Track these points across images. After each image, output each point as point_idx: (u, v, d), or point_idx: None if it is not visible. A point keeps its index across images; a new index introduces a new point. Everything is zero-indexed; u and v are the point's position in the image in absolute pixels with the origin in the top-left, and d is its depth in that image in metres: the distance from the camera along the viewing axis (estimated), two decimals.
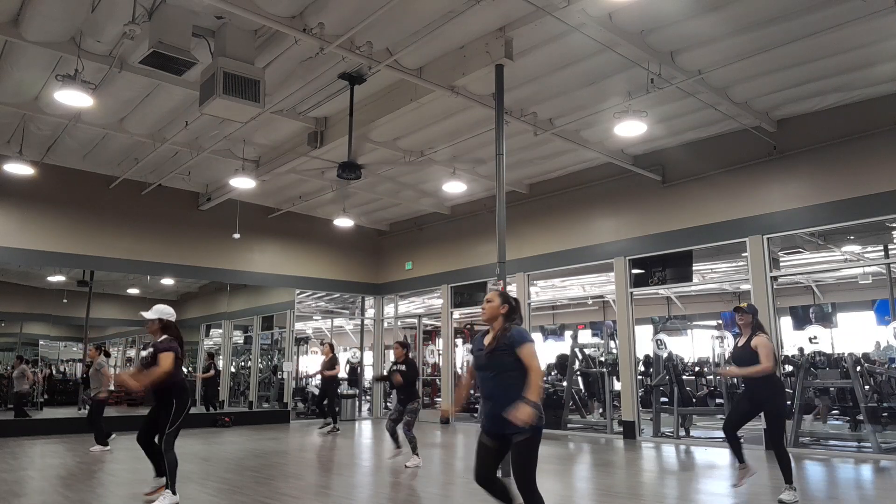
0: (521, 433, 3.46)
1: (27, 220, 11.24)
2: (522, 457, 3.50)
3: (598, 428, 11.52)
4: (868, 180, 8.29)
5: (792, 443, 8.71)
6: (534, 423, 3.45)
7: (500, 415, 3.50)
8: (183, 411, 5.45)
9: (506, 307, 3.76)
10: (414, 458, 7.62)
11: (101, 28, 6.93)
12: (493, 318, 3.77)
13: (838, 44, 7.07)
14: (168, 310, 5.69)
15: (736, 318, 5.77)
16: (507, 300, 3.79)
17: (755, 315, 5.71)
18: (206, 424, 12.53)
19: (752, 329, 5.65)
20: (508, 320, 3.73)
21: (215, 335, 16.11)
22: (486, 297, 3.83)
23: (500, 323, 3.74)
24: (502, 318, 3.74)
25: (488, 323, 3.80)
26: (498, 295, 3.81)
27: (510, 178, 11.43)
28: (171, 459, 5.37)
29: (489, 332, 3.81)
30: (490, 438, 3.63)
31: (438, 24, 6.77)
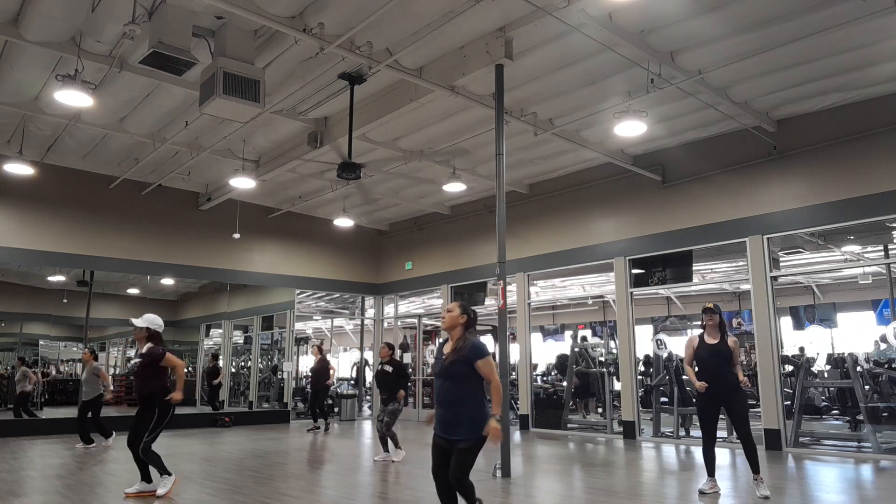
0: (465, 441, 3.77)
1: (27, 220, 11.24)
2: (462, 461, 3.79)
3: (598, 428, 11.52)
4: (868, 180, 8.29)
5: (792, 443, 8.71)
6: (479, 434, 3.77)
7: (451, 420, 3.83)
8: (165, 419, 5.72)
9: (465, 318, 3.98)
10: (384, 454, 8.02)
11: (101, 28, 6.93)
12: (452, 327, 3.98)
13: (838, 44, 7.07)
14: (158, 321, 5.91)
15: (705, 318, 5.93)
16: (466, 311, 4.01)
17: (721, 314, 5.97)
18: (206, 424, 12.53)
19: (719, 329, 5.89)
20: (467, 331, 3.96)
21: (215, 335, 16.11)
22: (448, 307, 4.05)
23: (458, 332, 3.96)
24: (461, 327, 3.96)
25: (448, 331, 4.02)
26: (458, 305, 4.03)
27: (510, 178, 11.42)
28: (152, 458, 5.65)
29: (448, 341, 4.03)
30: (441, 440, 3.91)
31: (438, 24, 6.77)
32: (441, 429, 3.89)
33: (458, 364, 3.84)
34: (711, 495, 5.80)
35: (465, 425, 3.78)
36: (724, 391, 5.75)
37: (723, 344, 5.81)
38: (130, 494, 5.68)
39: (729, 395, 5.74)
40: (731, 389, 5.72)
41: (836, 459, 7.99)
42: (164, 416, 5.69)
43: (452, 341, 3.97)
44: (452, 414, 3.83)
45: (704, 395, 5.83)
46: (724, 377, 5.76)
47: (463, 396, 3.83)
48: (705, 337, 5.92)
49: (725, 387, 5.75)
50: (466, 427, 3.78)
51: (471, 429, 3.77)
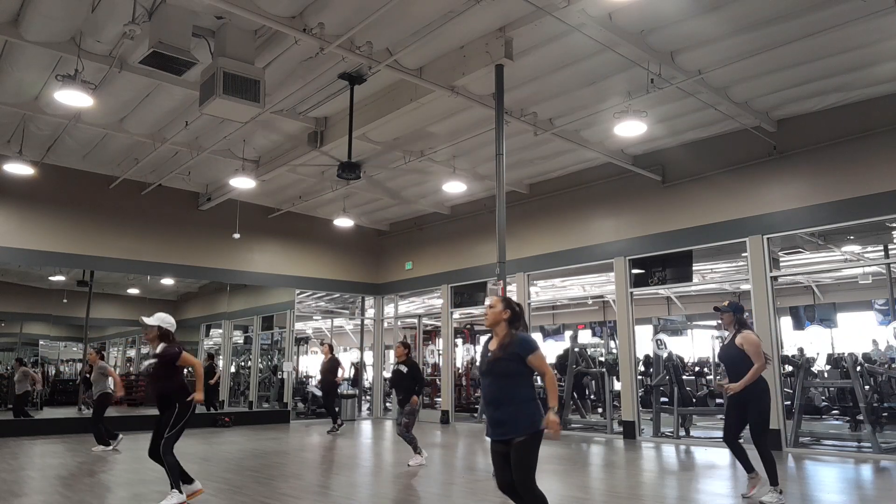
0: (521, 435, 3.54)
1: (27, 220, 11.24)
2: (521, 457, 3.55)
3: (598, 428, 11.52)
4: (868, 180, 8.29)
5: (792, 443, 8.71)
6: (534, 427, 3.56)
7: (502, 420, 3.60)
8: (185, 415, 5.43)
9: (508, 312, 3.75)
10: (416, 458, 7.69)
11: (101, 28, 6.93)
12: (496, 323, 3.76)
13: (838, 44, 7.07)
14: (169, 319, 5.66)
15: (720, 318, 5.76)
16: (509, 305, 3.79)
17: (736, 312, 5.67)
18: (206, 424, 12.52)
19: (735, 326, 5.64)
20: (512, 326, 3.74)
21: (215, 335, 16.11)
22: (489, 303, 3.82)
23: (503, 328, 3.74)
24: (505, 323, 3.74)
25: (491, 328, 3.80)
26: (500, 300, 3.80)
27: (510, 178, 11.42)
28: (170, 462, 5.35)
29: (493, 338, 3.81)
30: (498, 444, 3.67)
31: (438, 24, 6.77)
32: (494, 430, 3.67)
33: (506, 360, 3.65)
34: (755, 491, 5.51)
35: (518, 421, 3.58)
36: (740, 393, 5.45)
37: (731, 343, 5.60)
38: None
39: (743, 397, 5.43)
40: (744, 391, 5.41)
41: (836, 459, 7.99)
42: (184, 414, 5.45)
43: (498, 337, 3.76)
44: (504, 412, 3.61)
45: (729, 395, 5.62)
46: (734, 378, 5.50)
47: (514, 393, 3.63)
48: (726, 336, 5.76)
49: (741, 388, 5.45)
50: (520, 422, 3.58)
51: (525, 423, 3.58)
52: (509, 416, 3.59)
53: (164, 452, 5.35)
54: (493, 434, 3.68)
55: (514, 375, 3.64)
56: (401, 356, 7.99)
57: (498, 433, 3.64)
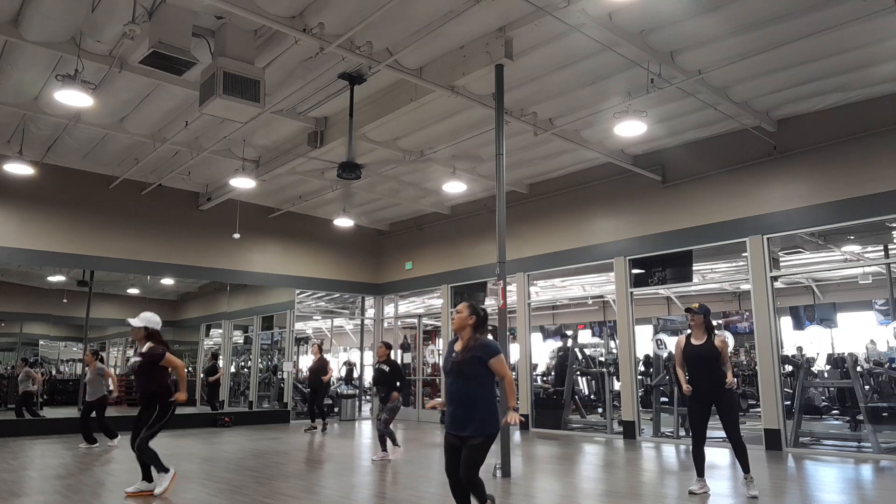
0: (476, 437, 3.87)
1: (27, 220, 11.24)
2: (472, 456, 3.88)
3: (598, 428, 11.52)
4: (868, 180, 8.29)
5: (792, 443, 8.71)
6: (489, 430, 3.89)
7: (462, 417, 3.93)
8: (164, 416, 5.73)
9: (473, 318, 4.04)
10: (382, 453, 8.05)
11: (101, 28, 6.93)
12: (462, 328, 4.07)
13: (838, 44, 7.07)
14: (155, 318, 5.89)
15: (689, 319, 5.96)
16: (475, 311, 4.08)
17: (707, 315, 5.93)
18: (206, 424, 12.53)
19: (705, 329, 5.89)
20: (477, 331, 4.04)
21: (215, 335, 16.10)
22: (457, 308, 4.13)
23: (468, 332, 4.04)
24: (471, 328, 4.04)
25: (458, 332, 4.11)
26: (467, 306, 4.10)
27: (510, 178, 11.43)
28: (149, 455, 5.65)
29: (459, 340, 4.11)
30: (453, 438, 4.00)
31: (438, 24, 6.77)
32: (453, 426, 3.98)
33: (469, 362, 3.94)
34: (701, 496, 5.80)
35: (475, 422, 3.88)
36: (712, 391, 5.74)
37: (709, 344, 5.81)
38: (131, 494, 5.68)
39: (716, 395, 5.73)
40: (719, 390, 5.72)
41: (836, 459, 7.99)
42: (164, 414, 5.71)
43: (463, 340, 4.05)
44: (464, 411, 3.92)
45: (693, 395, 5.86)
46: (710, 377, 5.76)
47: (474, 394, 3.93)
48: (692, 338, 5.94)
49: (712, 387, 5.74)
50: (477, 423, 3.87)
51: (481, 425, 3.87)
52: (468, 415, 3.91)
53: (140, 450, 5.63)
54: (451, 428, 3.99)
55: (475, 377, 3.94)
56: (382, 356, 8.42)
57: (455, 429, 3.96)
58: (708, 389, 5.77)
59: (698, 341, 5.89)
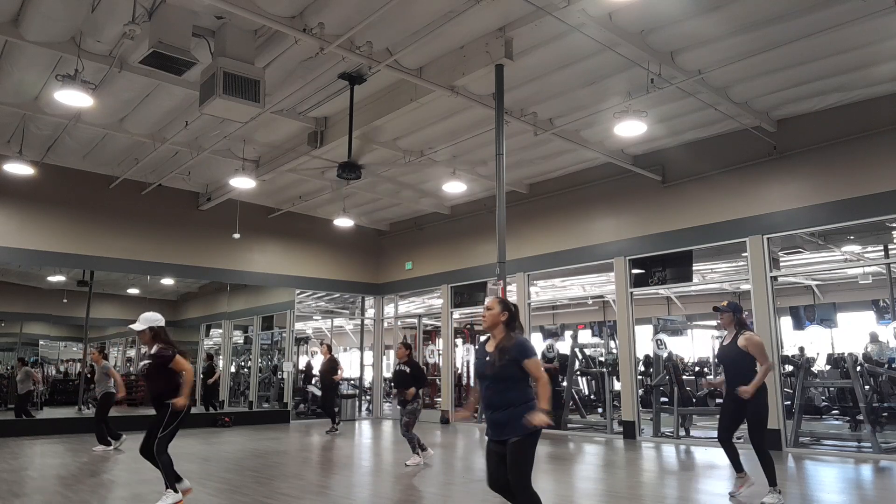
0: (517, 436, 3.60)
1: (27, 220, 11.24)
2: (517, 457, 3.60)
3: (598, 428, 11.52)
4: (868, 180, 8.29)
5: (792, 443, 8.71)
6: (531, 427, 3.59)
7: (501, 422, 3.66)
8: (178, 415, 5.48)
9: (506, 314, 3.81)
10: (414, 458, 7.72)
11: (101, 28, 6.93)
12: (494, 326, 3.82)
13: (838, 44, 7.07)
14: (155, 316, 5.69)
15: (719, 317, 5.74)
16: (506, 307, 3.84)
17: (736, 312, 5.66)
18: (206, 424, 12.53)
19: (735, 327, 5.62)
20: (509, 328, 3.80)
21: (215, 335, 16.10)
22: (486, 305, 3.88)
23: (501, 331, 3.80)
24: (503, 325, 3.80)
25: (489, 330, 3.85)
26: (498, 302, 3.85)
27: (510, 178, 11.42)
28: (164, 461, 5.40)
29: (490, 340, 3.86)
30: (496, 445, 3.73)
31: (438, 24, 6.77)
32: (493, 431, 3.73)
33: (504, 364, 3.68)
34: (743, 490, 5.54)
35: (516, 423, 3.62)
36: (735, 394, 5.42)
37: (732, 344, 5.56)
38: None
39: (739, 397, 5.39)
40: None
41: (836, 459, 7.99)
42: (177, 415, 5.50)
43: (495, 340, 3.81)
44: (503, 415, 3.66)
45: (726, 395, 5.60)
46: (734, 379, 5.48)
47: (513, 397, 3.67)
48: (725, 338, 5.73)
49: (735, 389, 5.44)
50: (517, 424, 3.61)
51: (521, 424, 3.61)
52: (507, 418, 3.64)
53: (157, 452, 5.40)
54: (492, 434, 3.74)
55: (511, 379, 3.69)
56: (402, 357, 8.11)
57: (496, 434, 3.70)
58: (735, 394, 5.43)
59: (726, 340, 5.68)
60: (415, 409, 7.84)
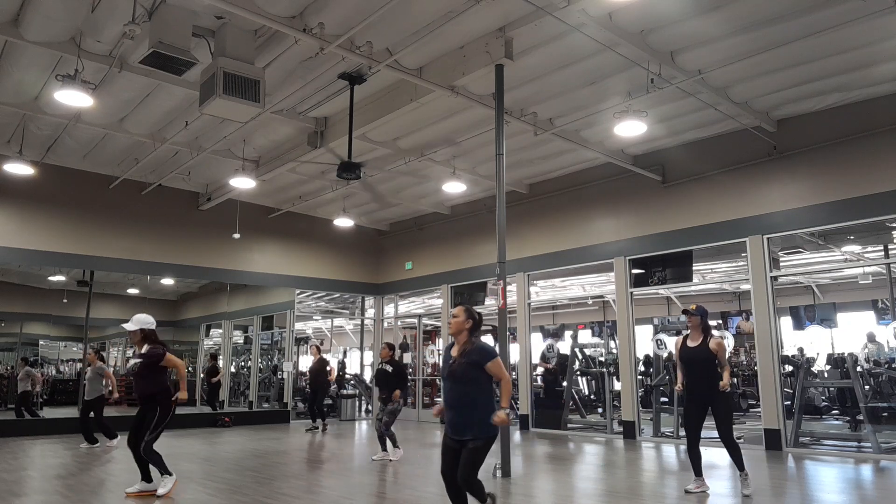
0: (476, 440, 3.88)
1: (27, 220, 11.24)
2: (472, 458, 3.88)
3: (598, 428, 11.52)
4: (868, 180, 8.29)
5: (792, 443, 8.71)
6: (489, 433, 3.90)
7: (462, 422, 3.94)
8: (165, 418, 5.73)
9: (470, 322, 4.09)
10: (397, 451, 8.03)
11: (101, 28, 6.93)
12: (458, 332, 4.10)
13: (838, 44, 7.07)
14: (147, 319, 5.91)
15: (686, 320, 6.03)
16: (471, 315, 4.12)
17: (704, 317, 5.97)
18: (206, 424, 12.53)
19: (702, 331, 5.93)
20: (472, 334, 4.08)
21: (215, 335, 16.10)
22: (453, 312, 4.16)
23: (465, 336, 4.08)
24: (467, 332, 4.08)
25: (454, 336, 4.14)
26: (463, 310, 4.15)
27: (510, 178, 11.42)
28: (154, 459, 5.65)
29: (455, 345, 4.13)
30: (453, 441, 4.00)
31: (438, 24, 6.77)
32: (451, 430, 3.99)
33: (466, 367, 3.96)
34: (698, 494, 5.84)
35: (475, 425, 3.89)
36: (706, 393, 5.80)
37: (703, 346, 5.86)
38: (131, 494, 5.68)
39: (711, 396, 5.78)
40: (713, 391, 5.76)
41: (836, 459, 7.99)
42: (166, 416, 5.71)
43: (459, 345, 4.08)
44: (463, 415, 3.94)
45: (688, 396, 5.94)
46: (705, 379, 5.80)
47: (473, 398, 3.94)
48: (689, 339, 6.00)
49: (707, 389, 5.79)
50: (476, 427, 3.89)
51: (481, 428, 3.88)
52: (467, 419, 3.92)
53: (145, 453, 5.63)
54: (451, 433, 4.00)
55: (473, 381, 3.96)
56: (385, 357, 8.38)
57: (455, 433, 3.97)
58: (703, 391, 5.83)
59: (694, 343, 5.95)
60: (395, 409, 8.09)
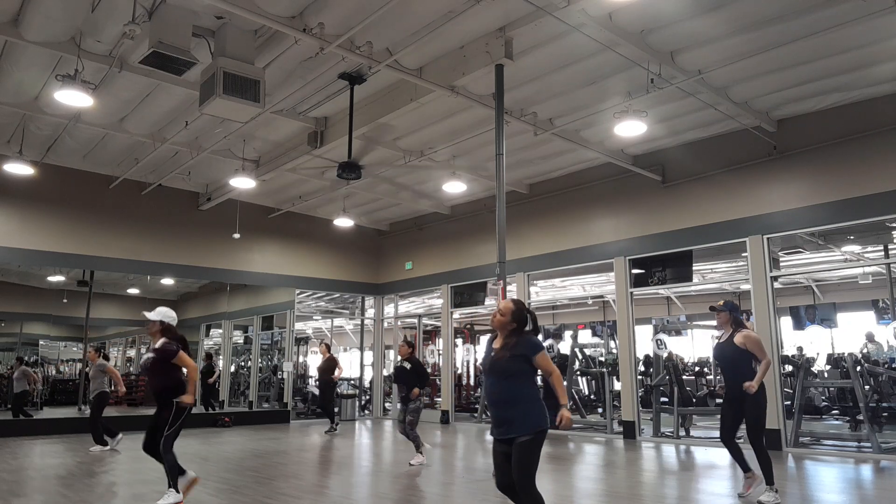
0: (525, 434, 3.53)
1: (27, 220, 11.24)
2: (523, 456, 3.53)
3: (598, 428, 11.52)
4: (868, 180, 8.29)
5: (792, 443, 8.71)
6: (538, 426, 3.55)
7: (508, 418, 3.59)
8: (183, 413, 5.45)
9: (514, 324, 3.74)
10: (417, 457, 7.73)
11: (101, 28, 6.93)
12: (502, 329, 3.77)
13: (838, 44, 7.07)
14: (171, 313, 5.70)
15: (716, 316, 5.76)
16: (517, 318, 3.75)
17: (732, 311, 5.68)
18: (206, 424, 12.53)
19: (731, 325, 5.64)
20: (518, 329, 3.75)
21: (215, 335, 16.10)
22: (500, 309, 3.80)
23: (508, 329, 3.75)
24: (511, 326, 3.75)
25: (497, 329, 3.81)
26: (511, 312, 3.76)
27: (510, 178, 11.42)
28: (169, 460, 5.38)
29: (498, 337, 3.81)
30: (501, 444, 3.66)
31: (438, 24, 6.77)
32: (498, 430, 3.66)
33: (512, 360, 3.64)
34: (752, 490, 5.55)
35: (523, 420, 3.57)
36: (734, 392, 5.46)
37: (727, 342, 5.59)
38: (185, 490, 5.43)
39: (738, 396, 5.41)
40: (740, 390, 5.39)
41: (836, 459, 7.99)
42: (182, 412, 5.46)
43: (502, 337, 3.77)
44: (508, 412, 3.61)
45: (724, 395, 5.62)
46: (732, 377, 5.49)
47: (518, 393, 3.62)
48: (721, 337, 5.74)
49: (734, 387, 5.46)
50: (525, 422, 3.56)
51: (529, 421, 3.56)
52: (514, 415, 3.58)
53: (164, 451, 5.38)
54: (497, 433, 3.66)
55: (518, 375, 3.63)
56: (405, 354, 8.14)
57: (502, 432, 3.63)
58: (731, 390, 5.48)
59: (721, 339, 5.69)
60: (418, 408, 7.84)
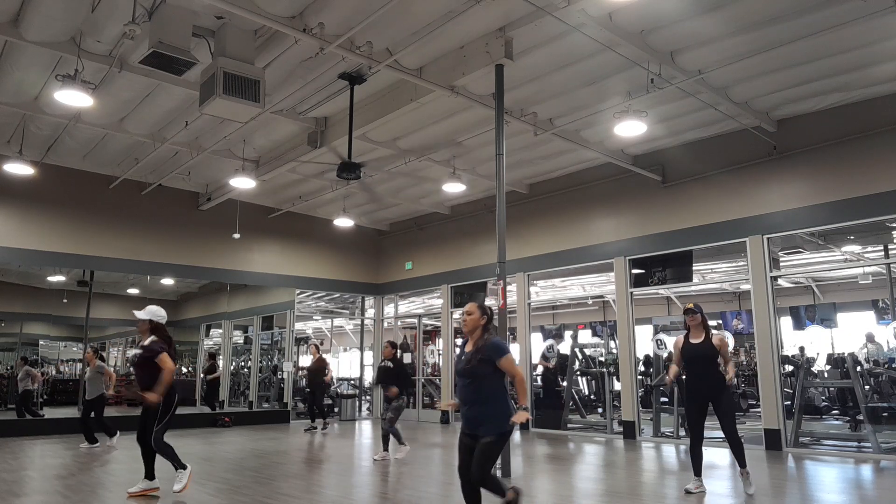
0: (489, 435, 3.91)
1: (27, 220, 11.24)
2: (483, 454, 3.89)
3: (598, 428, 11.52)
4: (868, 180, 8.29)
5: (792, 443, 8.71)
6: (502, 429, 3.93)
7: (475, 417, 4.00)
8: (170, 410, 5.72)
9: (484, 318, 4.13)
10: (403, 448, 8.10)
11: (101, 28, 6.93)
12: (474, 329, 4.12)
13: (838, 44, 7.07)
14: (160, 312, 5.88)
15: (687, 319, 6.03)
16: (485, 312, 4.16)
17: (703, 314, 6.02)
18: (206, 424, 12.53)
19: (703, 328, 5.96)
20: (486, 331, 4.12)
21: (215, 335, 16.10)
22: (466, 310, 4.17)
23: (479, 333, 4.11)
24: (481, 328, 4.11)
25: (469, 334, 4.16)
26: (477, 307, 4.15)
27: (510, 178, 11.42)
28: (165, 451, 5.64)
29: (469, 341, 4.17)
30: (467, 437, 4.04)
31: (438, 24, 6.77)
32: (466, 426, 4.05)
33: (479, 363, 3.99)
34: (697, 494, 5.84)
35: (488, 421, 3.94)
36: (710, 389, 5.81)
37: (706, 343, 5.87)
38: (133, 494, 5.64)
39: (715, 393, 5.79)
40: (717, 387, 5.78)
41: (836, 459, 7.99)
42: (169, 407, 5.68)
43: (472, 341, 4.12)
44: (476, 411, 3.99)
45: (689, 394, 5.95)
46: (709, 376, 5.83)
47: (486, 394, 3.98)
48: (690, 337, 6.00)
49: (711, 385, 5.80)
50: (490, 422, 3.93)
51: (494, 424, 3.93)
52: (480, 414, 3.97)
53: (156, 445, 5.63)
54: (465, 427, 4.06)
55: (486, 377, 3.99)
56: (388, 355, 8.52)
57: (469, 427, 4.02)
58: (706, 389, 5.83)
59: (696, 340, 5.94)
60: (399, 406, 8.17)
